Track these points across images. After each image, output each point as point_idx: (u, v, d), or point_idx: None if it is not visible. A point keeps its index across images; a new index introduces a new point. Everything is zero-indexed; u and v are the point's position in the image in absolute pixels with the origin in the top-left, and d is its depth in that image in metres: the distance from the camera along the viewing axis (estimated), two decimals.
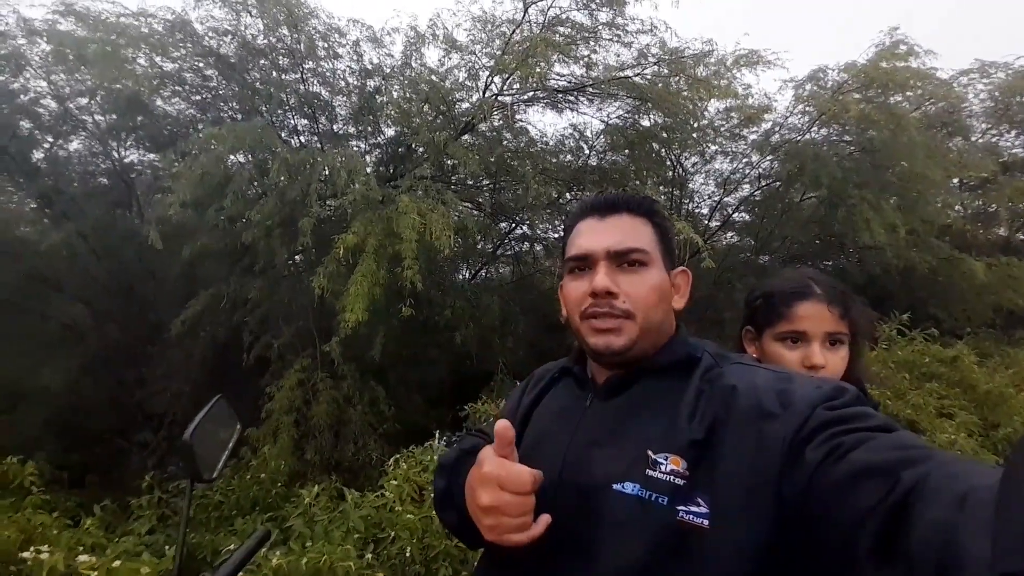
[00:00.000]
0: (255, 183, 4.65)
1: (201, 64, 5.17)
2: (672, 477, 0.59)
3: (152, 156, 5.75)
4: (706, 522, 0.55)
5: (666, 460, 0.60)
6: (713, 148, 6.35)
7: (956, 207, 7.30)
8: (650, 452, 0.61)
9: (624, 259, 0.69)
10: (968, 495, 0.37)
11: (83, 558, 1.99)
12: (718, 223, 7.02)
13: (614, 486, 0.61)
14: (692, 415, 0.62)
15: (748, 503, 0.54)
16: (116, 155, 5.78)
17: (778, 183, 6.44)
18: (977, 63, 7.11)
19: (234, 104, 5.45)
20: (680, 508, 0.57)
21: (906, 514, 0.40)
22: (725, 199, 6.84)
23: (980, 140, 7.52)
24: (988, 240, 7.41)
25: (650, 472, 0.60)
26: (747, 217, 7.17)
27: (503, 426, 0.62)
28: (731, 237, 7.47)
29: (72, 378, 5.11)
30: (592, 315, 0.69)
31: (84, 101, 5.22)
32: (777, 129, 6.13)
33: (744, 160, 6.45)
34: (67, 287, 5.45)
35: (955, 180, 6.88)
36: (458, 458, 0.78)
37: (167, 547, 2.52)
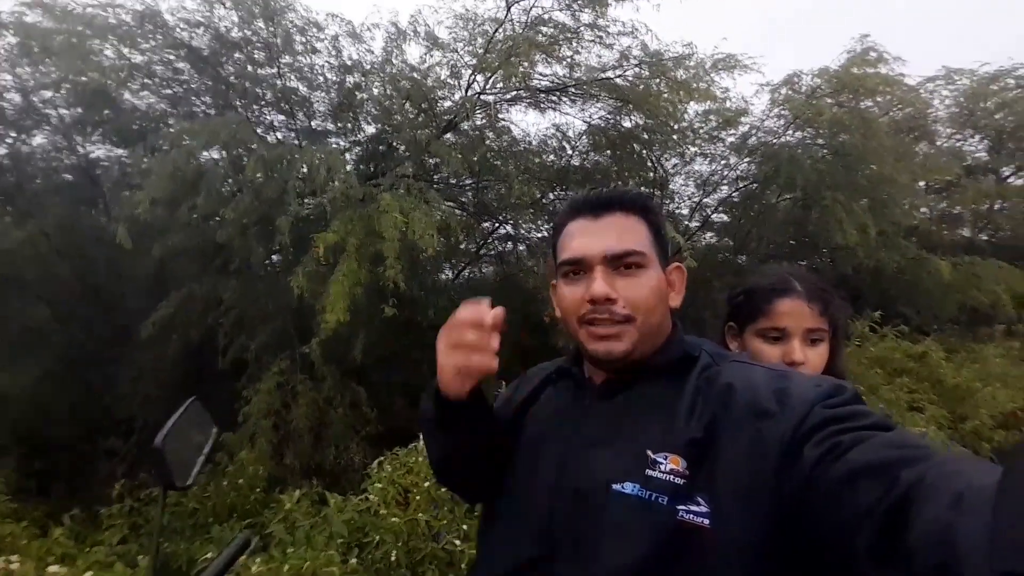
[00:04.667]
0: (229, 180, 4.53)
1: (172, 56, 5.00)
2: (672, 476, 0.58)
3: (120, 151, 5.54)
4: (707, 521, 0.55)
5: (666, 460, 0.59)
6: (693, 150, 6.44)
7: (923, 209, 7.57)
8: (649, 452, 0.61)
9: (621, 262, 0.68)
10: (965, 494, 0.37)
11: (53, 568, 1.91)
12: (698, 223, 7.14)
13: (614, 486, 0.60)
14: (691, 414, 0.61)
15: (747, 502, 0.54)
16: (81, 150, 5.55)
17: (755, 184, 6.58)
18: (943, 70, 7.39)
19: (207, 98, 5.29)
20: (680, 508, 0.56)
21: (904, 514, 0.41)
22: (704, 200, 6.97)
23: (945, 144, 7.84)
24: (953, 241, 7.71)
25: (650, 472, 0.59)
26: (725, 218, 7.30)
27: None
28: (710, 237, 7.60)
29: (35, 383, 4.89)
30: (591, 321, 0.68)
31: (48, 94, 5.00)
32: (754, 132, 6.26)
33: (723, 162, 6.57)
34: (30, 288, 5.22)
35: (922, 183, 7.13)
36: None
37: (140, 556, 2.43)
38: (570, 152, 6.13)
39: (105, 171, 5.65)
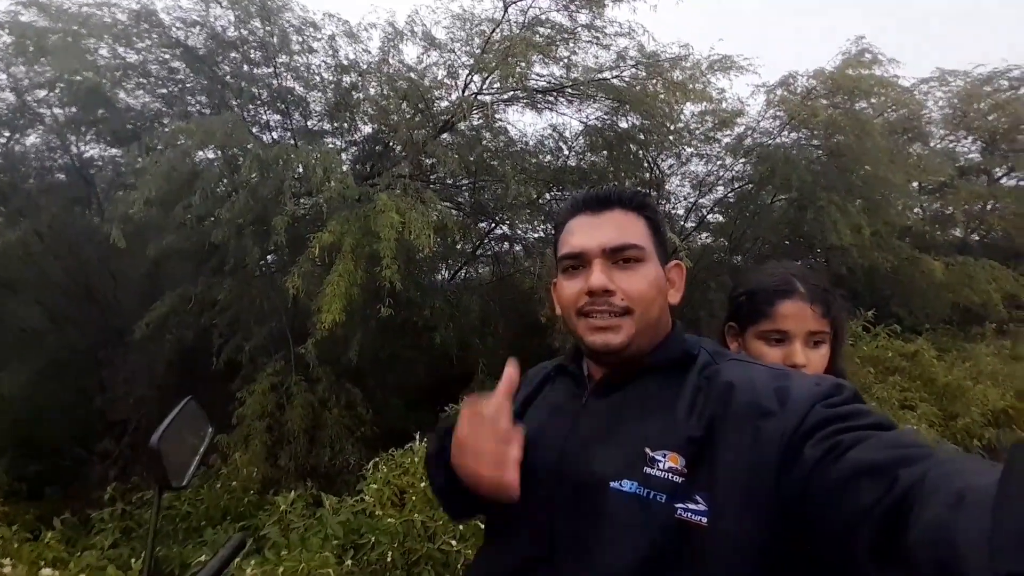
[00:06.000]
0: (225, 180, 4.48)
1: (167, 56, 4.97)
2: (670, 475, 0.58)
3: (114, 151, 5.49)
4: (705, 520, 0.55)
5: (664, 458, 0.59)
6: (689, 150, 6.47)
7: (916, 209, 7.64)
8: (648, 450, 0.60)
9: (619, 255, 0.68)
10: (965, 494, 0.37)
11: (47, 571, 1.89)
12: (693, 224, 7.16)
13: (612, 484, 0.60)
14: (690, 412, 0.61)
15: (747, 501, 0.54)
16: (75, 149, 5.50)
17: (750, 185, 6.61)
18: (937, 72, 7.46)
19: (202, 98, 5.26)
20: (679, 506, 0.56)
21: (904, 514, 0.40)
22: (700, 200, 6.99)
23: (938, 146, 7.91)
24: (946, 241, 7.79)
25: (648, 470, 0.59)
26: (721, 218, 7.33)
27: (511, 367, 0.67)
28: (706, 238, 7.62)
29: (28, 385, 4.84)
30: (588, 313, 0.68)
31: (43, 93, 4.95)
32: (750, 133, 6.29)
33: (718, 163, 6.60)
34: (23, 289, 5.17)
35: (915, 184, 7.19)
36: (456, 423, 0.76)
37: (132, 560, 2.41)
38: (567, 152, 6.13)
39: (99, 171, 5.60)
